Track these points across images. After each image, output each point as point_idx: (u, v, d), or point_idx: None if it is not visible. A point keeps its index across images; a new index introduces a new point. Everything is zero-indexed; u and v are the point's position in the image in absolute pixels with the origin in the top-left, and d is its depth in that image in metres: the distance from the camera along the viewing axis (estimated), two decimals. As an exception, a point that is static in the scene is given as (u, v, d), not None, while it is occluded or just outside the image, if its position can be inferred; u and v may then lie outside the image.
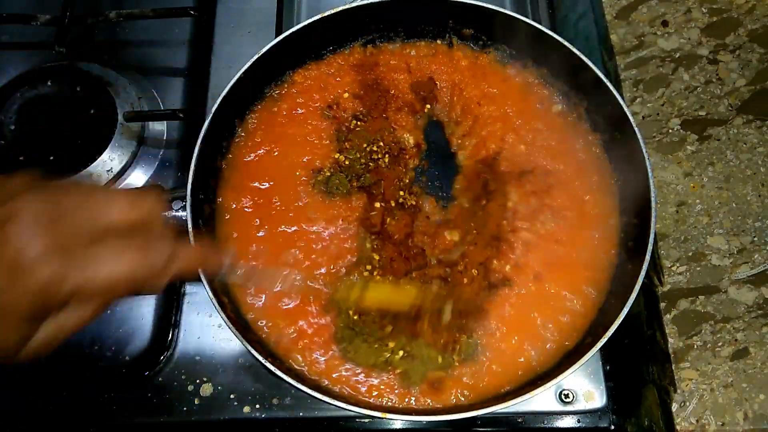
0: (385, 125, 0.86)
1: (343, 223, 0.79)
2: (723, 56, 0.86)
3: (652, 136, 0.82)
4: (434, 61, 0.90)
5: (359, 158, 0.83)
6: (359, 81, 0.88)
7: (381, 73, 0.89)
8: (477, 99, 0.87)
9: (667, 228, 0.77)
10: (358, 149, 0.84)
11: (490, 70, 0.89)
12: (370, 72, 0.89)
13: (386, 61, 0.90)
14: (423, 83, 0.88)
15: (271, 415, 0.75)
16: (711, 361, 0.71)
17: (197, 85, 0.94)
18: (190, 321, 0.80)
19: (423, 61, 0.90)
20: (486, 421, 0.75)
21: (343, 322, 0.73)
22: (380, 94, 0.88)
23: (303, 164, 0.83)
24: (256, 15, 0.99)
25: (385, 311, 0.73)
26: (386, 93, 0.88)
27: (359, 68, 0.89)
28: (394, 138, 0.85)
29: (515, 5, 1.02)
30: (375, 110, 0.87)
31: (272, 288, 0.72)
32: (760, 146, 0.81)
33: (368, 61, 0.90)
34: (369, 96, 0.87)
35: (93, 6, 0.99)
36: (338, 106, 0.87)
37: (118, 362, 0.75)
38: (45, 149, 0.87)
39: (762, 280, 0.74)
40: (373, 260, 0.77)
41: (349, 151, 0.83)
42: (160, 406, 0.75)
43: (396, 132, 0.86)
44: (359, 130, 0.85)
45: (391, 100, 0.87)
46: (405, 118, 0.87)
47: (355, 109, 0.87)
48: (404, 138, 0.86)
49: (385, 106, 0.87)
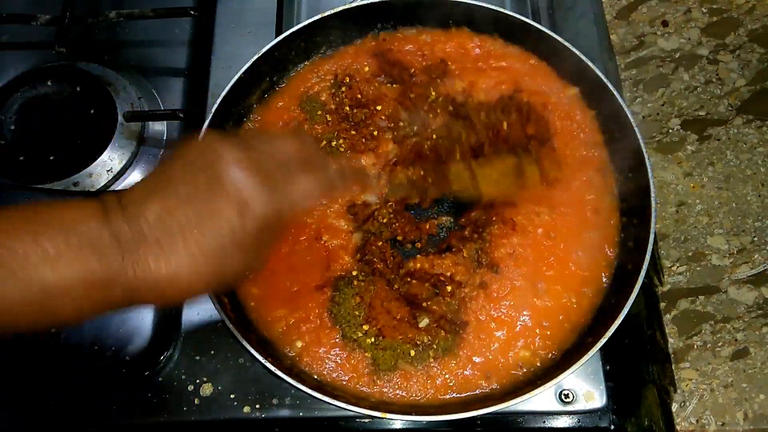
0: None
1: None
2: (723, 56, 0.86)
3: (652, 136, 0.83)
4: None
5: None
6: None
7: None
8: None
9: (667, 228, 0.77)
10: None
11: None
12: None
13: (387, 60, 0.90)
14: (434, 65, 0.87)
15: (271, 415, 0.75)
16: (711, 361, 0.71)
17: (197, 85, 0.94)
18: (190, 321, 0.80)
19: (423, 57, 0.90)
20: (486, 421, 0.75)
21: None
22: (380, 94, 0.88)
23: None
24: (256, 15, 0.99)
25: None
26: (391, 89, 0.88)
27: (358, 60, 0.89)
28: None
29: (515, 5, 1.02)
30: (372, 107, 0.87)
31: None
32: (760, 146, 0.81)
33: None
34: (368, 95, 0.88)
35: (93, 6, 0.99)
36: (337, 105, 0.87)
37: (118, 362, 0.75)
38: (45, 149, 0.87)
39: (762, 280, 0.74)
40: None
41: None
42: (160, 406, 0.75)
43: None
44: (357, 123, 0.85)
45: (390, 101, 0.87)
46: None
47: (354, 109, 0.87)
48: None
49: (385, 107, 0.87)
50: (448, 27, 0.89)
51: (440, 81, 0.85)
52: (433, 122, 0.82)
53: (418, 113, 0.82)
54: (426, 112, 0.83)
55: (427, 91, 0.84)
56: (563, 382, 0.75)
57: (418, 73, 0.86)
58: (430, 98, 0.83)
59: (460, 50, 0.88)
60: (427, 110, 0.83)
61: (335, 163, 0.60)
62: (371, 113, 0.84)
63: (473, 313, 0.74)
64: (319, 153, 0.59)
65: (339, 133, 0.84)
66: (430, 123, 0.82)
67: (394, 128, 0.83)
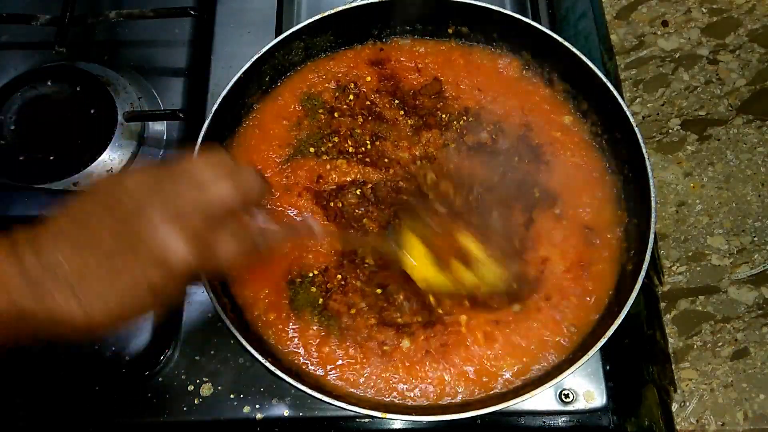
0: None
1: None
2: (723, 56, 0.86)
3: (652, 136, 0.82)
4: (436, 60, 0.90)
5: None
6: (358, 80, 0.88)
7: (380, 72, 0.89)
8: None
9: (667, 228, 0.77)
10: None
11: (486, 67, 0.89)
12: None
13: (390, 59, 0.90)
14: (429, 84, 0.87)
15: (271, 415, 0.75)
16: (711, 361, 0.71)
17: (197, 85, 0.94)
18: (190, 321, 0.80)
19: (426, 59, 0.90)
20: (486, 421, 0.75)
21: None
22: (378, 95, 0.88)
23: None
24: (256, 15, 0.99)
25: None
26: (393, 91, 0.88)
27: (358, 68, 0.89)
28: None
29: (515, 5, 1.02)
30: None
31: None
32: (760, 146, 0.81)
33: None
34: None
35: (93, 6, 0.99)
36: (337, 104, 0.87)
37: (118, 362, 0.75)
38: (45, 149, 0.87)
39: (762, 280, 0.74)
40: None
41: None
42: (160, 406, 0.75)
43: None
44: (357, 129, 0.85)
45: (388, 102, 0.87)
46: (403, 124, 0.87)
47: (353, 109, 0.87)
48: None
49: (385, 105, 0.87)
50: (447, 28, 0.89)
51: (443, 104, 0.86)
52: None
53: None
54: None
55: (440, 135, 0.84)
56: (563, 382, 0.75)
57: (420, 96, 0.86)
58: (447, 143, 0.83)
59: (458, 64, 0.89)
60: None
61: (271, 218, 0.58)
62: (384, 137, 0.84)
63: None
64: (257, 196, 0.53)
65: (329, 137, 0.84)
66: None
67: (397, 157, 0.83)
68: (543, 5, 1.03)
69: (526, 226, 0.78)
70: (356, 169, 0.82)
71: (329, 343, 0.73)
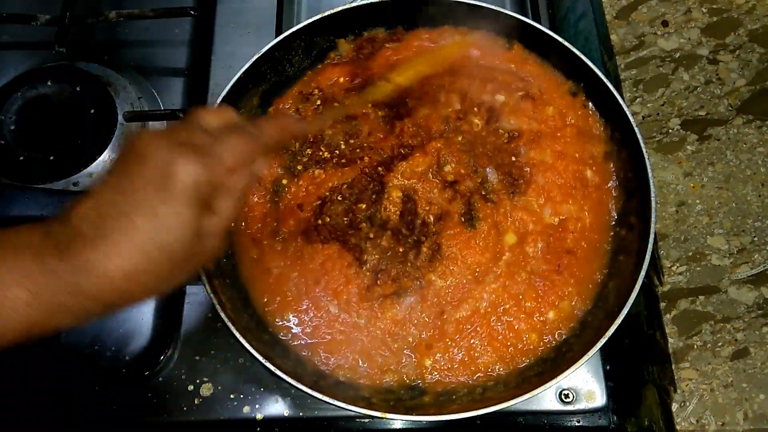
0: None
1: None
2: (723, 56, 0.86)
3: (652, 136, 0.82)
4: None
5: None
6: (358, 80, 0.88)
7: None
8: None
9: (667, 228, 0.77)
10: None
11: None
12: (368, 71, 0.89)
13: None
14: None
15: (271, 415, 0.75)
16: (711, 361, 0.71)
17: (197, 85, 0.94)
18: (190, 321, 0.80)
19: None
20: (486, 421, 0.75)
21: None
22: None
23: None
24: (256, 15, 0.99)
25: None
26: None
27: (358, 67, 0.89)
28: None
29: (515, 5, 1.02)
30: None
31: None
32: (760, 146, 0.81)
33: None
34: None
35: (93, 6, 0.99)
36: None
37: (118, 362, 0.75)
38: (45, 149, 0.87)
39: (762, 280, 0.74)
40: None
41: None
42: (160, 406, 0.76)
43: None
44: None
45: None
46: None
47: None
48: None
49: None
50: (445, 27, 0.89)
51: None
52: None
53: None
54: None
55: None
56: (563, 382, 0.75)
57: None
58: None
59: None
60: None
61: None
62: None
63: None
64: (239, 121, 0.55)
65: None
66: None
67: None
68: (543, 5, 1.03)
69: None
70: (335, 175, 0.79)
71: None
